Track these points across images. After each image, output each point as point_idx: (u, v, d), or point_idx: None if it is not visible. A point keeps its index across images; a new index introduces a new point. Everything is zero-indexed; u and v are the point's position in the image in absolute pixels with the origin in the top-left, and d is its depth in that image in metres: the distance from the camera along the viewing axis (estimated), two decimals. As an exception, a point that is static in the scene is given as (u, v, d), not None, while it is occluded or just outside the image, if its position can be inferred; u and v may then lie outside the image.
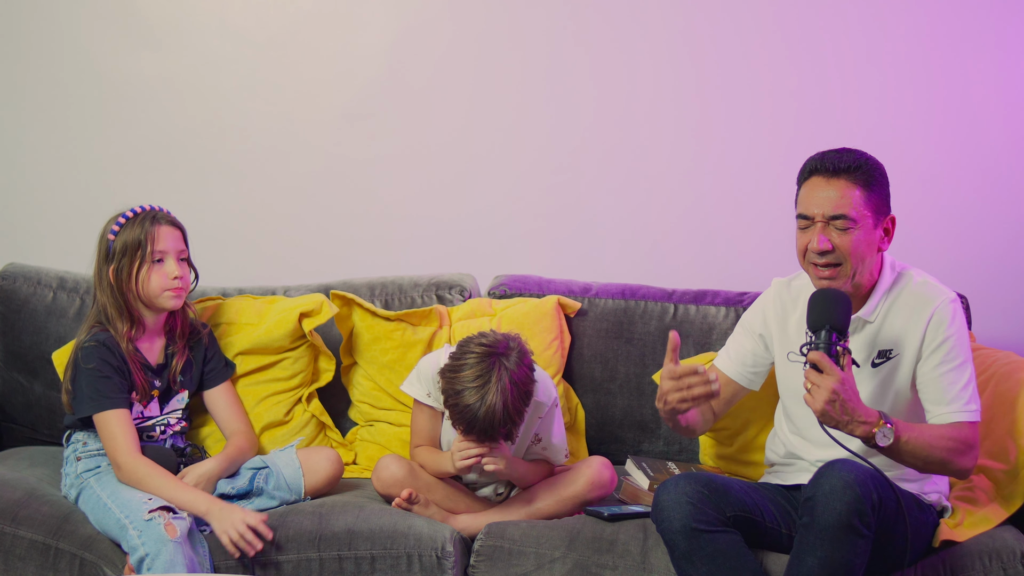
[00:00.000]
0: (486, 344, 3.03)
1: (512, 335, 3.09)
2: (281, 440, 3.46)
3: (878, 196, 2.95)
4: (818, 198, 2.93)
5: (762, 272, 3.44)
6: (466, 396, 2.99)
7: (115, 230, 3.22)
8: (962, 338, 2.98)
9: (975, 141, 3.88)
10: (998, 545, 2.97)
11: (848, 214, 2.91)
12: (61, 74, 4.00)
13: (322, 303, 3.53)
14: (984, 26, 3.85)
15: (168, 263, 3.21)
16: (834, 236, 2.92)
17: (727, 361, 3.20)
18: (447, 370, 3.05)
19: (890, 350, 3.00)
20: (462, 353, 3.04)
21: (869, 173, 2.94)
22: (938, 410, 2.95)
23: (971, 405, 2.95)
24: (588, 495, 3.18)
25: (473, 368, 3.00)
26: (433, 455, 3.22)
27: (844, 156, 2.95)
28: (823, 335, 2.85)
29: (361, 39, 3.98)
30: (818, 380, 2.79)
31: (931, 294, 2.99)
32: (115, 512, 3.01)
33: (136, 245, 3.19)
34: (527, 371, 3.05)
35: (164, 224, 3.23)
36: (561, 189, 3.99)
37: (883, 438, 2.82)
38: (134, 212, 3.24)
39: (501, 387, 2.98)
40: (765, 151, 3.93)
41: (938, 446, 2.87)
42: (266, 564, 3.01)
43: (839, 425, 2.81)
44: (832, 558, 2.68)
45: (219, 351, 3.43)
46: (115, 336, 3.19)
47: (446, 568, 3.00)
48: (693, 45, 3.92)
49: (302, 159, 4.01)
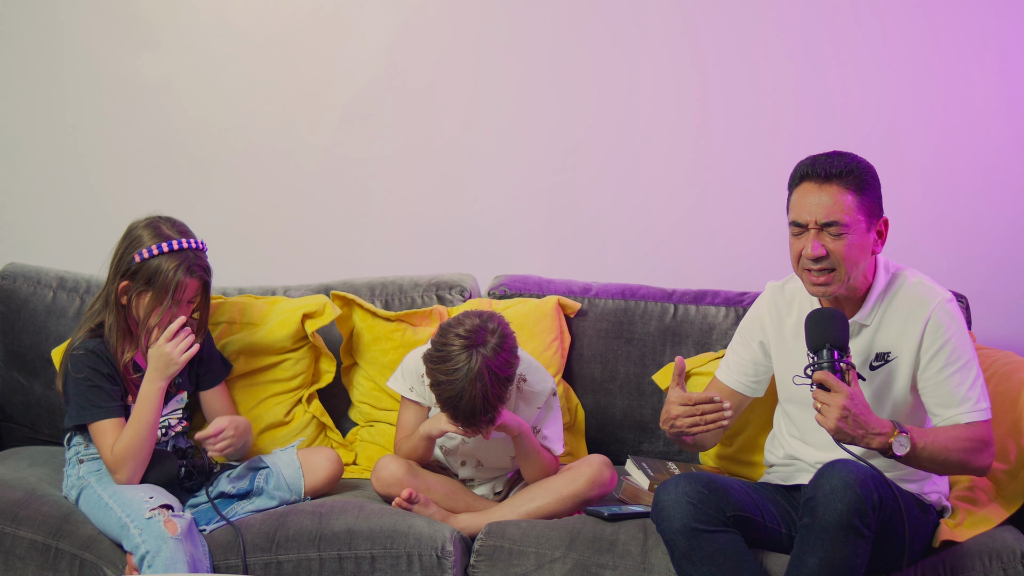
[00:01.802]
0: (464, 335, 3.03)
1: (493, 317, 3.09)
2: (282, 441, 3.46)
3: (870, 200, 2.94)
4: (810, 205, 2.92)
5: (762, 272, 3.44)
6: (446, 388, 3.02)
7: (146, 254, 3.10)
8: (962, 338, 2.97)
9: (975, 141, 3.88)
10: (998, 545, 2.97)
11: (841, 220, 2.90)
12: (61, 74, 4.00)
13: (325, 304, 3.52)
14: (984, 26, 3.85)
15: (179, 308, 3.16)
16: (828, 242, 2.91)
17: (728, 373, 3.20)
18: (428, 358, 3.06)
19: (887, 353, 3.00)
20: (442, 343, 3.05)
21: (861, 177, 2.93)
22: (948, 413, 2.94)
23: (981, 404, 2.94)
24: (588, 494, 3.18)
25: (452, 360, 3.01)
26: (411, 438, 3.23)
27: (835, 161, 2.93)
28: (824, 354, 2.85)
29: (361, 39, 3.98)
30: (827, 399, 2.80)
31: (926, 296, 2.98)
32: (116, 511, 3.00)
33: (164, 287, 3.09)
34: (507, 356, 3.05)
35: (197, 278, 3.14)
36: (561, 189, 3.99)
37: (900, 447, 2.82)
38: (177, 245, 3.10)
39: (481, 380, 2.99)
40: (765, 151, 3.93)
41: (955, 448, 2.87)
42: (267, 564, 3.01)
43: (855, 440, 2.81)
44: (833, 558, 2.68)
45: (216, 351, 3.42)
46: (112, 349, 3.17)
47: (446, 568, 3.00)
48: (693, 45, 3.92)
49: (302, 159, 4.01)
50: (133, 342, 3.18)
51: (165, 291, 3.10)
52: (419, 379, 3.19)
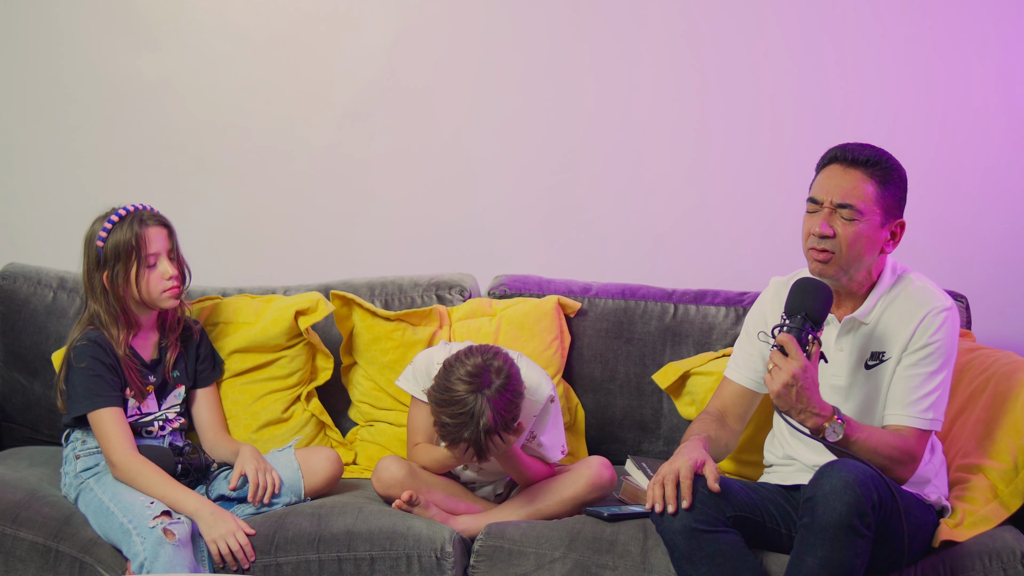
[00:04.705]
0: (468, 380, 3.01)
1: (498, 354, 3.07)
2: (280, 438, 3.46)
3: (891, 196, 2.94)
4: (830, 184, 2.93)
5: (762, 272, 3.43)
6: (451, 429, 3.02)
7: (103, 236, 3.20)
8: (947, 348, 2.96)
9: (975, 141, 3.88)
10: (998, 545, 2.97)
11: (856, 205, 2.90)
12: (61, 74, 4.00)
13: (318, 301, 3.53)
14: (984, 26, 3.85)
15: (161, 264, 3.20)
16: (837, 224, 2.91)
17: (737, 371, 3.18)
18: (433, 400, 3.06)
19: (883, 352, 3.00)
20: (446, 386, 3.03)
21: (887, 171, 2.94)
22: (893, 410, 2.96)
23: (928, 413, 2.94)
24: (588, 495, 3.18)
25: (457, 405, 3.00)
26: (432, 452, 3.22)
27: (865, 149, 2.95)
28: (797, 319, 2.85)
29: (361, 39, 3.98)
30: (781, 363, 2.80)
31: (927, 299, 2.98)
32: (118, 516, 3.00)
33: (129, 250, 3.17)
34: (512, 397, 3.04)
35: (153, 225, 3.21)
36: (561, 189, 3.98)
37: (832, 433, 2.82)
38: (119, 215, 3.20)
39: (485, 421, 2.99)
40: (765, 151, 3.93)
41: (882, 452, 2.87)
42: (266, 566, 3.01)
43: (791, 411, 2.81)
44: (832, 558, 2.68)
45: (211, 351, 3.43)
46: (110, 340, 3.19)
47: (446, 569, 3.00)
48: (694, 45, 3.92)
49: (302, 159, 4.02)
50: (126, 321, 3.21)
51: (131, 252, 3.17)
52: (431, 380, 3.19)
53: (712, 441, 3.04)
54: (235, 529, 3.00)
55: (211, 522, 3.01)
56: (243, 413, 3.47)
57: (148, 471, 3.08)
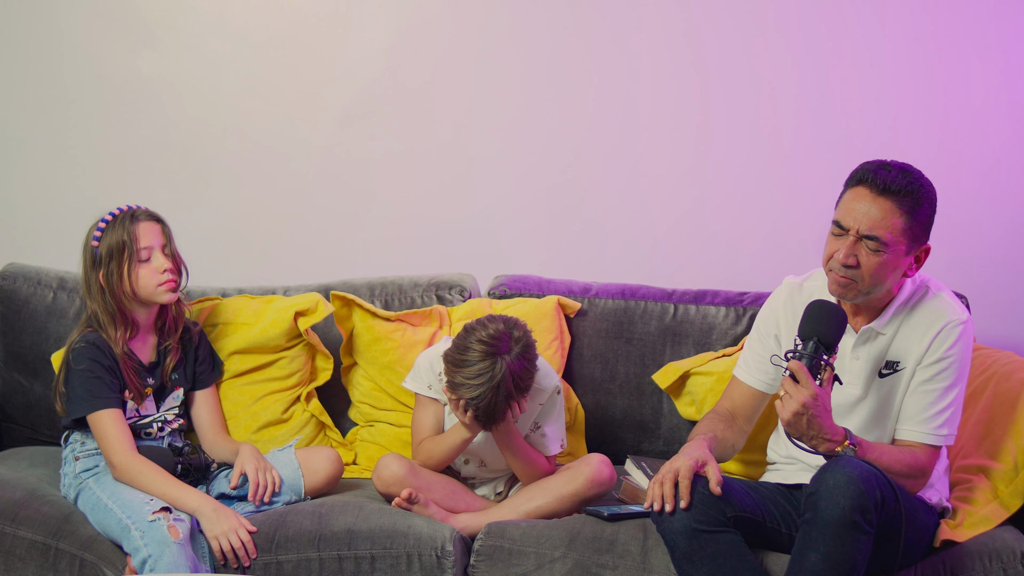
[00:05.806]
0: (488, 341, 3.05)
1: (518, 324, 3.11)
2: (280, 439, 3.46)
3: (919, 226, 2.89)
4: (858, 212, 2.87)
5: (762, 272, 3.44)
6: (466, 391, 3.05)
7: (97, 236, 3.22)
8: (961, 361, 2.96)
9: (975, 141, 3.88)
10: (998, 545, 2.97)
11: (883, 238, 2.86)
12: (61, 74, 4.00)
13: (318, 302, 3.53)
14: (985, 26, 3.85)
15: (155, 258, 3.21)
16: (862, 255, 2.87)
17: (747, 372, 3.18)
18: (450, 360, 3.09)
19: (897, 362, 2.99)
20: (466, 346, 3.07)
21: (918, 201, 2.87)
22: (907, 426, 2.96)
23: (943, 430, 2.95)
24: (588, 493, 3.18)
25: (475, 366, 3.04)
26: (438, 442, 3.24)
27: (898, 176, 2.87)
28: (810, 346, 2.84)
29: (361, 39, 3.98)
30: (792, 391, 2.79)
31: (944, 311, 2.97)
32: (117, 513, 3.01)
33: (121, 246, 3.19)
34: (527, 364, 3.08)
35: (144, 221, 3.23)
36: (561, 189, 3.98)
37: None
38: (112, 215, 3.23)
39: (503, 386, 3.03)
40: (765, 151, 3.93)
41: (893, 470, 2.87)
42: (266, 564, 3.01)
43: (803, 437, 2.82)
44: (834, 553, 2.68)
45: (211, 353, 3.44)
46: (108, 341, 3.20)
47: (446, 568, 3.00)
48: (694, 45, 3.92)
49: (302, 159, 4.01)
50: (124, 321, 3.21)
51: (124, 248, 3.19)
52: (436, 377, 3.23)
53: (719, 441, 3.04)
54: (237, 526, 3.01)
55: (214, 519, 3.01)
56: (243, 414, 3.48)
57: (149, 470, 3.09)
